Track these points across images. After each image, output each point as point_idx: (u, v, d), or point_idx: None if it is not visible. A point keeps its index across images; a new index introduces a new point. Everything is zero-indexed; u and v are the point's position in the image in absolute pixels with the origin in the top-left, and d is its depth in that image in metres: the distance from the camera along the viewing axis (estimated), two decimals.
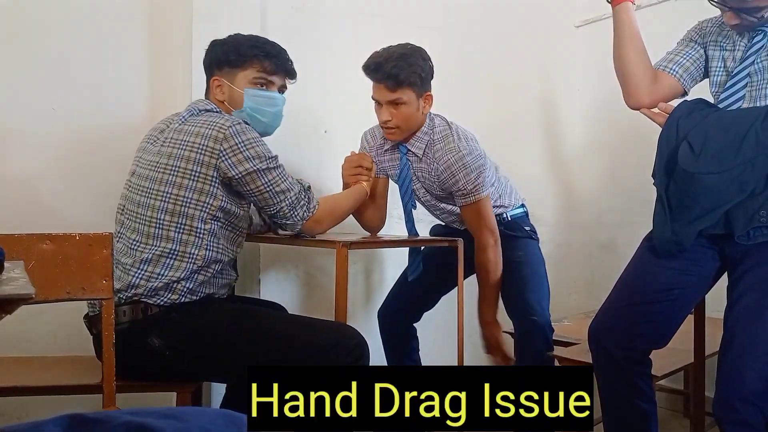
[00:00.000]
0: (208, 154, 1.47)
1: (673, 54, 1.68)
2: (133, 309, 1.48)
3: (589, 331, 1.64)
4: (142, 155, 1.62)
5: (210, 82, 1.71)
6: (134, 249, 1.52)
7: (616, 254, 3.03)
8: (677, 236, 1.47)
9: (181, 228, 1.50)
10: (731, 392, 1.35)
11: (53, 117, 2.00)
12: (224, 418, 0.75)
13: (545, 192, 3.14)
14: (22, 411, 1.88)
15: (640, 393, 1.58)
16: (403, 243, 2.16)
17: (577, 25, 3.19)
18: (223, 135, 1.47)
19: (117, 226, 1.62)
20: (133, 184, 1.58)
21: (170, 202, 1.49)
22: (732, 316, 1.43)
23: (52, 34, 2.00)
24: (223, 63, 1.67)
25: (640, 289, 1.57)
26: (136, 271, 1.50)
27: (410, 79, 1.87)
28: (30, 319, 1.88)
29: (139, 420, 0.66)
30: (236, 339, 1.48)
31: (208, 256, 1.52)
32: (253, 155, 1.49)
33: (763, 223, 1.42)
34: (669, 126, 1.49)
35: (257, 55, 1.66)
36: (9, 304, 0.69)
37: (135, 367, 1.49)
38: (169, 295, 1.49)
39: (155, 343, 1.46)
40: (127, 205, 1.57)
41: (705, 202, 1.42)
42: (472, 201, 1.96)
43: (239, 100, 1.66)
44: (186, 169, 1.48)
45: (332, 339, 1.48)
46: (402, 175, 2.06)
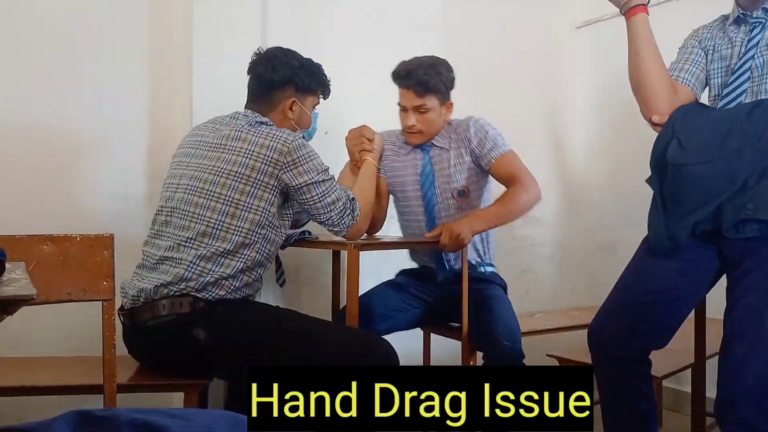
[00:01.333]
0: (272, 164, 1.58)
1: (682, 62, 1.66)
2: (180, 302, 1.54)
3: (588, 332, 1.64)
4: (191, 159, 1.68)
5: (284, 100, 1.79)
6: (188, 246, 1.58)
7: (617, 255, 3.03)
8: (671, 231, 1.47)
9: (238, 231, 1.58)
10: (732, 393, 1.35)
11: (54, 118, 2.00)
12: (227, 419, 0.75)
13: (546, 193, 3.11)
14: (23, 411, 1.88)
15: (640, 393, 1.58)
16: (412, 244, 2.16)
17: (578, 26, 3.19)
18: (287, 148, 1.59)
19: (159, 225, 1.67)
20: (186, 185, 1.63)
21: (231, 206, 1.58)
22: (732, 317, 1.44)
23: (52, 34, 2.00)
24: (302, 86, 1.80)
25: (640, 289, 1.58)
26: (189, 265, 1.56)
27: (437, 86, 2.02)
28: (31, 320, 1.88)
29: (145, 418, 0.67)
30: (277, 337, 1.56)
31: (257, 258, 1.62)
32: (311, 168, 1.62)
33: (749, 215, 1.41)
34: (665, 128, 1.49)
35: (324, 84, 1.87)
36: (10, 304, 0.69)
37: (172, 360, 1.56)
38: (216, 290, 1.57)
39: (201, 335, 1.52)
40: (179, 204, 1.62)
41: (695, 195, 1.42)
42: (505, 150, 2.06)
43: (307, 121, 1.85)
44: (250, 177, 1.58)
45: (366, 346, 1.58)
46: (425, 172, 2.13)
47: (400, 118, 2.10)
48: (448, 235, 1.89)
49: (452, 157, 2.11)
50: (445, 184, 2.12)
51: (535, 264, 3.09)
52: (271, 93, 1.78)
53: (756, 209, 1.41)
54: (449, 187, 2.11)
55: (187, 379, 1.57)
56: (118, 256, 1.49)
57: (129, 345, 1.63)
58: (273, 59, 1.78)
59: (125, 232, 2.08)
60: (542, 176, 3.08)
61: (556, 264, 3.20)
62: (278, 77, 1.77)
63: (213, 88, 2.14)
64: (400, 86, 2.05)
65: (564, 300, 3.18)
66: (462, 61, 2.84)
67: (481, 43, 2.91)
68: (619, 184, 3.05)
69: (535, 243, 3.09)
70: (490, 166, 2.07)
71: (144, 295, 1.57)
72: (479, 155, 2.07)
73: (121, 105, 2.11)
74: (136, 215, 2.13)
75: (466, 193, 2.11)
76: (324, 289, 2.40)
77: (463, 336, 1.96)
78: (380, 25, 2.63)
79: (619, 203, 3.05)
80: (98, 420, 0.67)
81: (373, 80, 2.57)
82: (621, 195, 3.04)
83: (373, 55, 2.61)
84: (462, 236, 1.89)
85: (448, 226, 1.93)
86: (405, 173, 2.17)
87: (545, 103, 3.09)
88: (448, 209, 2.12)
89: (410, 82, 2.00)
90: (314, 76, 1.83)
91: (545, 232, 3.12)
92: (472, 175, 2.12)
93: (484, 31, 2.92)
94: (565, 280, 3.22)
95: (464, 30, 2.87)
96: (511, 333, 1.90)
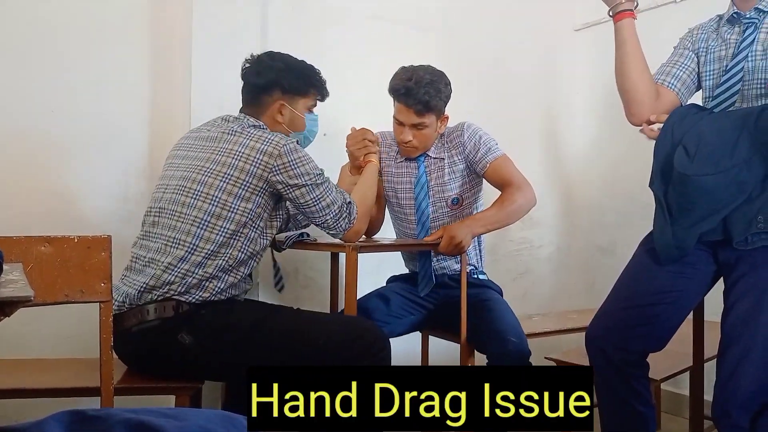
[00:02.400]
0: (261, 167, 1.58)
1: (669, 66, 1.67)
2: (163, 306, 1.54)
3: (586, 334, 1.64)
4: (181, 161, 1.68)
5: (272, 104, 1.78)
6: (172, 246, 1.58)
7: (615, 257, 3.03)
8: (678, 241, 1.47)
9: (223, 231, 1.59)
10: (727, 397, 1.36)
11: (52, 118, 2.00)
12: (222, 418, 0.75)
13: (545, 194, 3.14)
14: (21, 413, 1.87)
15: (638, 396, 1.58)
16: (412, 246, 2.16)
17: (577, 28, 3.20)
18: (278, 152, 1.59)
19: (147, 226, 1.67)
20: (175, 185, 1.64)
21: (218, 206, 1.58)
22: (728, 323, 1.45)
23: (52, 35, 2.00)
24: (290, 89, 1.79)
25: (638, 291, 1.58)
26: (173, 269, 1.56)
27: (437, 105, 1.99)
28: (29, 322, 1.87)
29: (138, 418, 0.67)
30: (262, 335, 1.56)
31: (239, 257, 1.61)
32: (303, 172, 1.62)
33: (761, 228, 1.43)
34: (664, 132, 1.49)
35: (318, 86, 1.84)
36: (8, 306, 0.69)
37: (159, 365, 1.56)
38: (200, 293, 1.57)
39: (185, 340, 1.52)
40: (167, 205, 1.63)
41: (704, 205, 1.42)
42: (499, 154, 2.06)
43: (300, 124, 1.83)
44: (238, 179, 1.58)
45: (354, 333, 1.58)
46: (420, 182, 2.12)
47: (395, 131, 2.08)
48: (449, 241, 1.89)
49: (446, 165, 2.11)
50: (439, 194, 2.12)
51: (533, 266, 3.09)
52: (259, 98, 1.78)
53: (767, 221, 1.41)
54: (443, 197, 2.12)
55: (179, 382, 1.56)
56: (115, 257, 1.49)
57: (117, 350, 1.60)
58: (258, 64, 1.79)
59: (123, 234, 2.08)
60: (540, 177, 3.10)
61: (554, 266, 3.20)
62: (263, 81, 1.77)
63: (212, 89, 2.14)
64: (397, 101, 2.01)
65: (562, 302, 3.18)
66: (461, 62, 2.86)
67: (480, 45, 2.91)
68: (617, 185, 3.06)
69: (533, 245, 3.09)
70: (485, 171, 2.06)
71: (129, 300, 1.57)
72: (473, 161, 2.07)
73: (120, 106, 2.10)
74: (134, 216, 2.12)
75: (460, 201, 2.12)
76: (321, 291, 2.40)
77: (462, 337, 1.95)
78: (381, 27, 2.64)
79: (617, 204, 3.05)
80: (91, 419, 0.66)
81: (373, 81, 2.57)
82: (619, 196, 3.04)
83: (373, 56, 2.61)
84: (463, 243, 1.89)
85: (449, 230, 1.92)
86: (400, 180, 2.17)
87: (544, 104, 3.09)
88: (442, 218, 2.13)
89: (410, 101, 1.96)
90: (303, 78, 1.80)
91: (543, 234, 3.12)
92: (466, 183, 2.12)
93: (483, 32, 2.92)
94: (563, 282, 3.22)
95: (463, 31, 2.88)
96: (517, 331, 1.88)
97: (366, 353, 1.57)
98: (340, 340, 1.57)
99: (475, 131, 2.09)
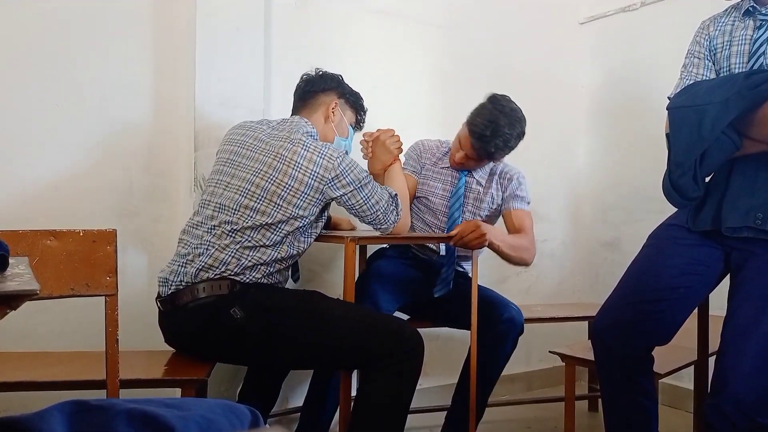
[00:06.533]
0: (318, 179, 1.73)
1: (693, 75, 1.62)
2: (219, 285, 1.66)
3: (592, 328, 1.64)
4: (243, 160, 1.77)
5: (327, 102, 1.94)
6: (231, 236, 1.70)
7: (620, 252, 3.03)
8: (674, 183, 1.48)
9: (279, 232, 1.73)
10: (721, 400, 1.37)
11: (57, 114, 2.00)
12: (224, 408, 0.76)
13: (550, 189, 3.14)
14: (26, 406, 1.89)
15: (642, 390, 1.58)
16: (410, 239, 2.18)
17: (581, 21, 3.19)
18: (332, 165, 1.73)
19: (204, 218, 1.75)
20: (238, 186, 1.74)
21: (279, 212, 1.71)
22: (728, 327, 1.45)
23: (56, 31, 2.00)
24: (345, 95, 1.98)
25: (644, 287, 1.58)
26: (232, 251, 1.68)
27: (498, 157, 2.15)
28: (34, 315, 1.89)
29: (141, 408, 0.67)
30: (311, 317, 1.68)
31: (289, 251, 1.76)
32: (353, 179, 1.76)
33: (758, 225, 1.43)
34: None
35: (362, 110, 2.04)
36: (14, 299, 0.69)
37: (209, 342, 1.66)
38: (253, 273, 1.70)
39: (237, 314, 1.63)
40: (229, 203, 1.73)
41: (682, 137, 1.44)
42: (526, 207, 2.23)
43: (345, 130, 1.99)
44: (298, 190, 1.72)
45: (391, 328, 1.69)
46: (457, 194, 2.24)
47: (454, 144, 2.20)
48: (474, 227, 1.92)
49: (487, 194, 2.24)
50: (471, 212, 2.23)
51: (537, 260, 3.06)
52: (315, 96, 1.93)
53: (765, 220, 1.41)
54: (475, 215, 2.22)
55: (185, 374, 1.58)
56: (121, 251, 1.49)
57: (166, 330, 1.74)
58: (324, 72, 1.98)
59: (128, 228, 2.09)
60: (545, 172, 3.10)
61: (558, 260, 3.20)
62: (323, 83, 1.94)
63: (216, 85, 2.15)
64: (469, 134, 2.06)
65: (565, 296, 3.19)
66: (465, 57, 2.85)
67: (485, 40, 2.91)
68: (622, 180, 3.05)
69: (537, 240, 3.08)
70: (508, 212, 2.22)
71: (186, 279, 1.67)
72: (505, 198, 2.23)
73: (124, 101, 2.11)
74: (139, 210, 2.13)
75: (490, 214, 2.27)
76: (325, 284, 2.40)
77: (473, 326, 1.97)
78: (384, 23, 2.63)
79: (621, 199, 3.05)
80: (93, 409, 0.67)
81: (377, 77, 2.58)
82: (624, 191, 3.04)
83: (377, 51, 2.61)
84: (486, 236, 1.93)
85: (476, 222, 1.96)
86: (436, 185, 2.26)
87: (548, 98, 3.08)
88: None
89: (476, 145, 2.06)
90: (356, 96, 2.01)
91: (548, 229, 3.12)
92: (492, 216, 2.26)
93: (487, 27, 2.91)
94: (567, 276, 3.22)
95: (468, 26, 2.87)
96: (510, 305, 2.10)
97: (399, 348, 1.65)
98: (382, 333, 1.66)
99: (522, 181, 2.25)
